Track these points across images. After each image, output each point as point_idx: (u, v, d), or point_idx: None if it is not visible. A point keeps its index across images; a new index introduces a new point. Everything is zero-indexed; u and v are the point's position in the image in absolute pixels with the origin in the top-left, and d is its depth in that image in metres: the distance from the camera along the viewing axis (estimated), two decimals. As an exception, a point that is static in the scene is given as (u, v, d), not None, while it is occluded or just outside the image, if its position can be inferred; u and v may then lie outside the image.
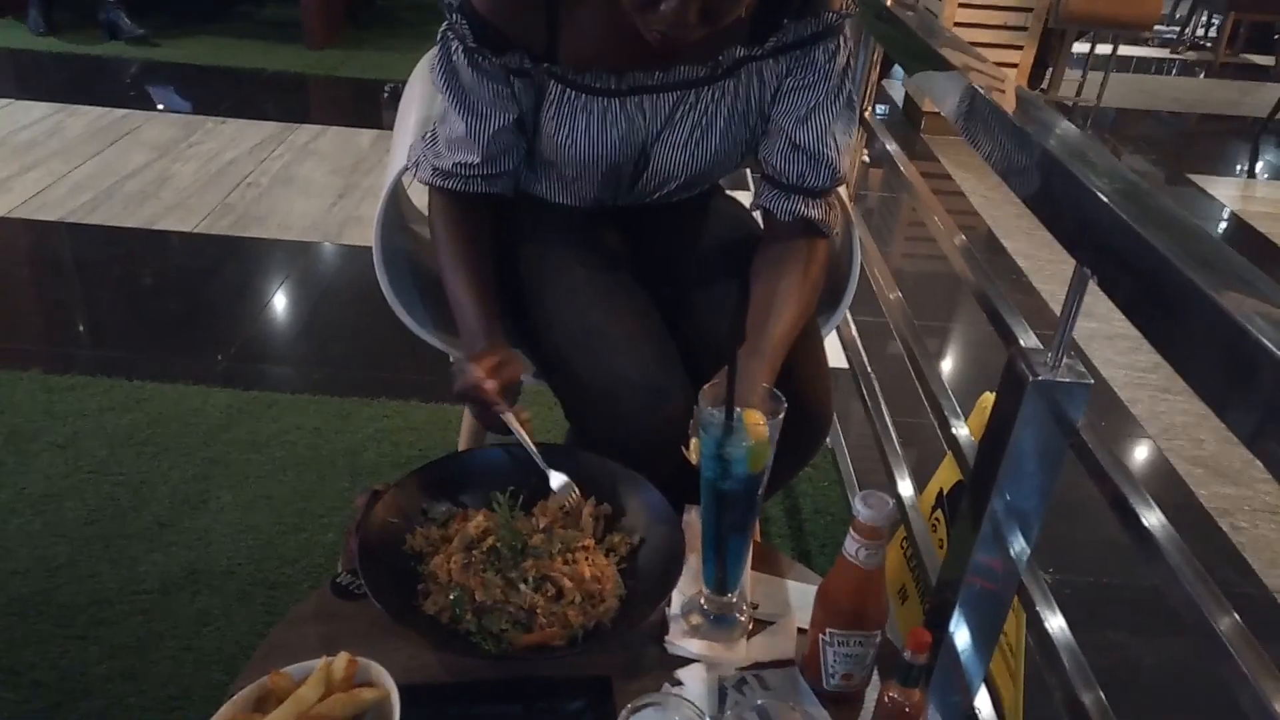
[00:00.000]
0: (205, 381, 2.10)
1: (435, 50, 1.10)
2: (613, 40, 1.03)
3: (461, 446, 1.53)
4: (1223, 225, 3.87)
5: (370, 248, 1.28)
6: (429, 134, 1.16)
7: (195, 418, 1.98)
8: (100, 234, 2.73)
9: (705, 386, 0.89)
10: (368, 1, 5.38)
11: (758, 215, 1.25)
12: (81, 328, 2.39)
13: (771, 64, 1.09)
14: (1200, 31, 7.30)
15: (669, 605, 0.96)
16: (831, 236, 1.17)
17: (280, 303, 2.53)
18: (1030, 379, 0.82)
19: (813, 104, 1.10)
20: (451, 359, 1.28)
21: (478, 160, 1.11)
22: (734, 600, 0.95)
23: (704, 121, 1.11)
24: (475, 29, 1.03)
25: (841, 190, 1.14)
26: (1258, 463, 0.59)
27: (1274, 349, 0.56)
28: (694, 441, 0.93)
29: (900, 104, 4.77)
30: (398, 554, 0.96)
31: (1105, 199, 0.73)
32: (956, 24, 4.22)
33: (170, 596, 1.54)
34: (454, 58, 1.07)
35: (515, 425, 1.02)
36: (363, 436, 1.97)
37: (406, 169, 1.21)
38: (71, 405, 1.98)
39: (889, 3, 1.56)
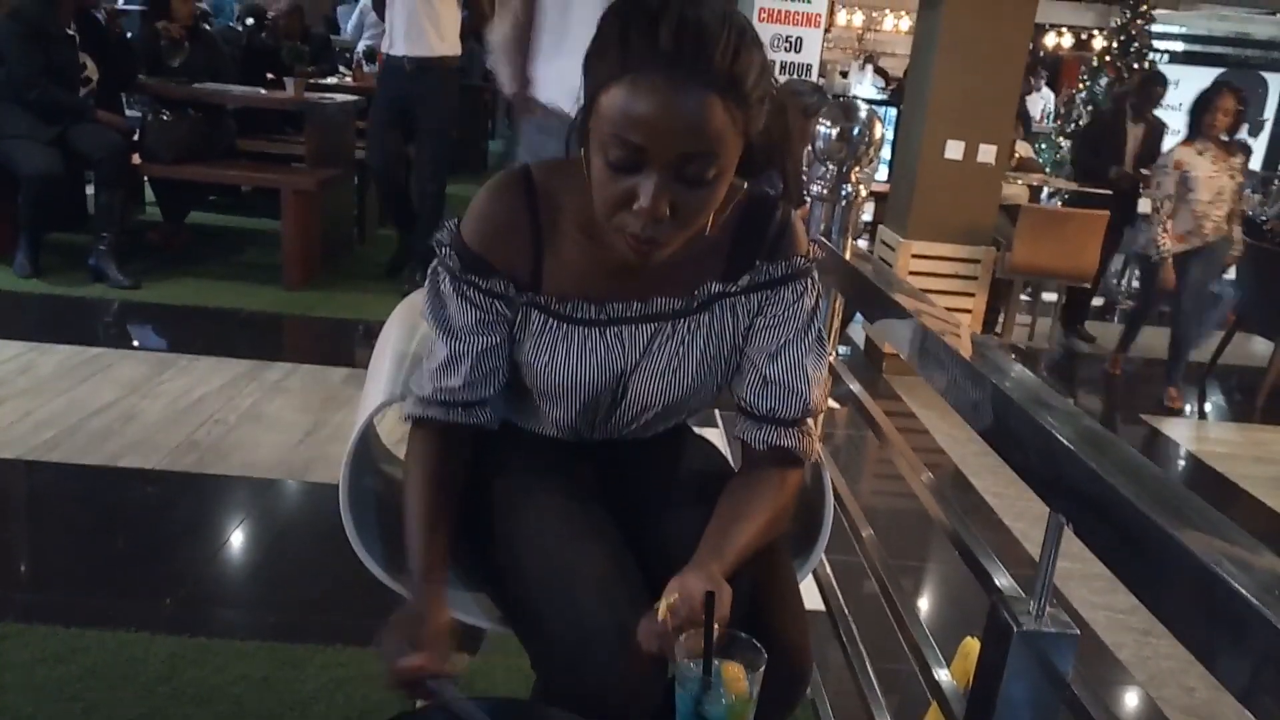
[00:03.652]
0: (149, 627, 1.99)
1: (425, 285, 1.16)
2: (593, 273, 1.10)
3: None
4: (1181, 465, 3.95)
5: (335, 486, 1.26)
6: (418, 369, 1.19)
7: (134, 668, 1.86)
8: (57, 472, 2.68)
9: (680, 638, 0.85)
10: (346, 246, 5.61)
11: (732, 446, 1.25)
12: (22, 570, 2.29)
13: (744, 301, 1.15)
14: (1136, 283, 7.75)
15: None
16: (806, 465, 1.19)
17: (237, 541, 2.45)
18: (1015, 629, 0.80)
19: (783, 341, 1.15)
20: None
21: (459, 384, 1.13)
22: None
23: (680, 352, 1.15)
24: (465, 260, 1.10)
25: (811, 422, 1.16)
26: (1248, 714, 0.57)
27: (1258, 604, 0.55)
28: None
29: (861, 345, 4.95)
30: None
31: (1074, 449, 0.74)
32: (911, 273, 4.45)
33: None
34: (442, 288, 1.13)
35: (453, 692, 0.94)
36: (315, 687, 1.85)
37: (389, 403, 1.24)
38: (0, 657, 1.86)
39: (847, 256, 1.65)
